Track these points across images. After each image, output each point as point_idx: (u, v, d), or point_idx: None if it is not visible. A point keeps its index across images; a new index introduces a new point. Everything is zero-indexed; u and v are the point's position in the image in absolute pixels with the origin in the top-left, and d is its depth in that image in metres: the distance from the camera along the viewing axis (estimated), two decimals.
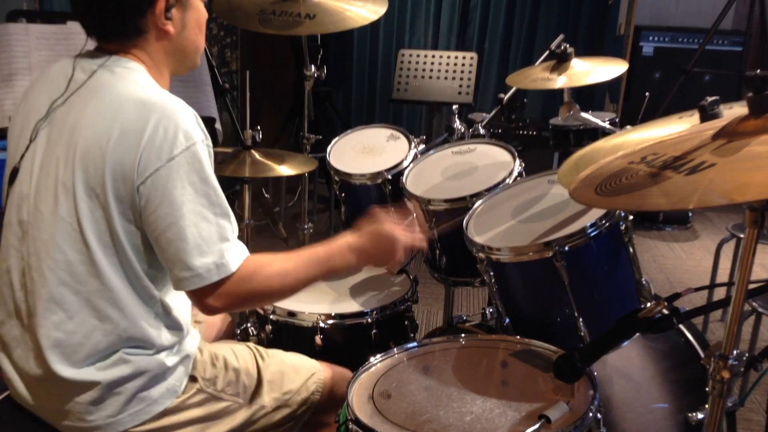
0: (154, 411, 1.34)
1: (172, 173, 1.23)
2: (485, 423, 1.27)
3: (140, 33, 1.32)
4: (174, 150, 1.23)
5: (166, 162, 1.22)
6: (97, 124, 1.24)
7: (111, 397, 1.30)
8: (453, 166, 2.04)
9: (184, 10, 1.35)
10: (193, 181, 1.25)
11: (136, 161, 1.22)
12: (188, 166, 1.24)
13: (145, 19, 1.31)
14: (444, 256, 1.94)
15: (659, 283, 3.76)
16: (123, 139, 1.22)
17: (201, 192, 1.26)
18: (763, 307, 2.28)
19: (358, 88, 5.32)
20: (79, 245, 1.26)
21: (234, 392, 1.46)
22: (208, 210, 1.27)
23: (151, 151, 1.22)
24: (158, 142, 1.22)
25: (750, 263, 1.09)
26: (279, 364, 1.56)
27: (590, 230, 1.47)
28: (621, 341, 1.29)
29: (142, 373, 1.32)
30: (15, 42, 2.56)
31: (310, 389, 1.55)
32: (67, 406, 1.30)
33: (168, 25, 1.33)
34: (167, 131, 1.23)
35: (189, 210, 1.24)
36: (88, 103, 1.27)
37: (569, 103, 2.04)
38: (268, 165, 2.24)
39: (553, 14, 5.08)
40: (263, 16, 2.19)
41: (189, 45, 1.39)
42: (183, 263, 1.25)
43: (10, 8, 2.85)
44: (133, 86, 1.28)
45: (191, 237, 1.25)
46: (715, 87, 4.73)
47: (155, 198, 1.23)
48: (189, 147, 1.24)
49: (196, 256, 1.25)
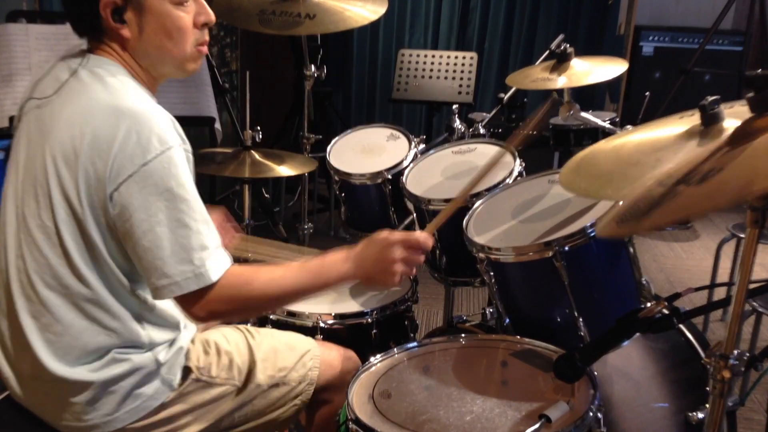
0: (150, 406, 1.34)
1: (147, 179, 1.19)
2: (485, 423, 1.27)
3: (101, 32, 1.29)
4: (147, 155, 1.19)
5: (139, 167, 1.19)
6: (71, 128, 1.22)
7: (106, 396, 1.30)
8: (453, 166, 2.04)
9: (141, 14, 1.27)
10: (170, 186, 1.21)
11: (108, 168, 1.19)
12: (163, 171, 1.20)
13: (98, 19, 1.27)
14: (444, 256, 1.94)
15: (659, 283, 3.76)
16: (95, 145, 1.20)
17: (178, 198, 1.21)
18: (763, 307, 2.28)
19: (358, 88, 5.32)
20: (59, 249, 1.24)
21: (228, 376, 1.46)
22: (187, 216, 1.22)
23: (124, 157, 1.19)
24: (131, 148, 1.19)
25: (750, 263, 1.09)
26: (271, 341, 1.55)
27: (590, 230, 1.47)
28: (621, 341, 1.29)
29: (135, 370, 1.32)
30: (15, 42, 2.56)
31: (307, 365, 1.53)
32: (63, 406, 1.30)
33: (123, 28, 1.27)
34: (140, 136, 1.19)
35: (165, 216, 1.20)
36: (64, 105, 1.26)
37: (569, 103, 2.04)
38: (267, 165, 2.25)
39: (553, 14, 5.08)
40: (263, 16, 2.19)
41: (153, 50, 1.30)
42: (159, 271, 1.22)
43: (10, 8, 2.85)
44: (108, 90, 1.25)
45: (168, 244, 1.21)
46: (715, 87, 4.72)
47: (129, 205, 1.20)
48: (164, 151, 1.20)
49: (173, 263, 1.21)
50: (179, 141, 1.24)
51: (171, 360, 1.37)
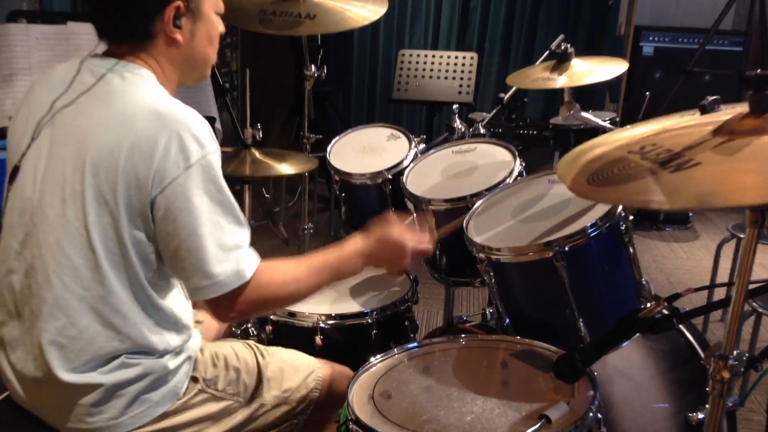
0: (155, 413, 1.34)
1: (190, 182, 1.23)
2: (485, 423, 1.27)
3: (149, 38, 1.32)
4: (190, 158, 1.23)
5: (183, 170, 1.22)
6: (110, 131, 1.23)
7: (113, 399, 1.30)
8: (453, 166, 2.04)
9: (195, 21, 1.34)
10: (209, 189, 1.25)
11: (152, 171, 1.22)
12: (204, 175, 1.24)
13: (154, 24, 1.30)
14: (444, 256, 1.94)
15: (659, 283, 3.76)
16: (137, 149, 1.22)
17: (217, 200, 1.26)
18: (763, 307, 2.28)
19: (358, 88, 5.32)
20: (85, 250, 1.25)
21: (235, 391, 1.46)
22: (224, 218, 1.27)
23: (167, 161, 1.22)
24: (174, 152, 1.22)
25: (750, 263, 1.09)
26: (279, 361, 1.56)
27: (590, 230, 1.47)
28: (621, 341, 1.29)
29: (144, 375, 1.32)
30: (15, 42, 2.56)
31: (310, 386, 1.55)
32: (67, 408, 1.29)
33: (176, 33, 1.32)
34: (182, 141, 1.23)
35: (207, 219, 1.25)
36: (99, 108, 1.26)
37: (569, 103, 2.04)
38: (268, 164, 2.24)
39: (553, 14, 5.08)
40: (263, 16, 2.19)
41: (197, 56, 1.38)
42: (203, 272, 1.26)
43: (10, 8, 2.85)
44: (145, 94, 1.28)
45: (211, 246, 1.25)
46: (715, 87, 4.72)
47: (175, 207, 1.23)
48: (204, 156, 1.24)
49: (215, 264, 1.26)
50: (215, 146, 1.28)
51: (178, 367, 1.37)
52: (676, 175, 0.96)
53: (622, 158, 1.09)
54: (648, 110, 2.77)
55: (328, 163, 2.25)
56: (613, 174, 1.06)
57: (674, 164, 0.98)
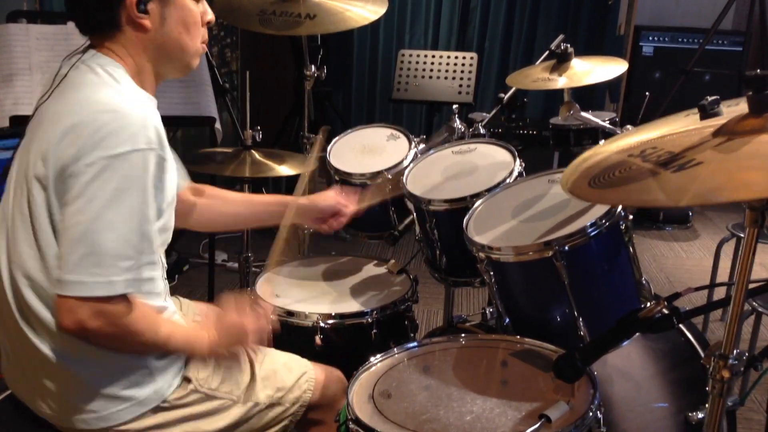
0: (138, 411, 1.34)
1: (104, 172, 1.17)
2: (485, 422, 1.27)
3: (116, 26, 1.30)
4: (118, 148, 1.18)
5: (99, 159, 1.17)
6: (55, 121, 1.24)
7: (96, 395, 1.30)
8: (453, 166, 2.04)
9: (165, 5, 1.31)
10: (124, 187, 1.18)
11: (75, 151, 1.19)
12: (125, 171, 1.18)
13: (118, 12, 1.28)
14: (444, 256, 1.94)
15: (659, 282, 3.76)
16: (71, 131, 1.20)
17: (126, 202, 1.19)
18: (763, 307, 2.28)
19: (358, 88, 5.32)
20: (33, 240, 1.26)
21: (228, 390, 1.46)
22: (125, 224, 1.19)
23: (90, 146, 1.18)
24: (99, 138, 1.18)
25: (750, 263, 1.09)
26: (271, 361, 1.56)
27: (590, 230, 1.47)
28: (621, 341, 1.29)
29: (128, 374, 1.32)
30: (15, 42, 2.56)
31: (303, 387, 1.55)
32: (53, 396, 1.30)
33: (144, 18, 1.29)
34: (113, 132, 1.19)
35: (103, 215, 1.17)
36: (55, 100, 1.28)
37: (569, 103, 2.04)
38: (268, 165, 2.24)
39: (553, 14, 5.08)
40: (263, 16, 2.19)
41: (171, 43, 1.34)
42: (72, 265, 1.17)
43: (10, 8, 2.85)
44: (100, 87, 1.27)
45: (92, 243, 1.17)
46: (715, 87, 4.72)
47: (75, 190, 1.18)
48: (131, 151, 1.19)
49: (89, 265, 1.17)
50: (155, 146, 1.23)
51: (166, 367, 1.37)
52: (678, 175, 0.96)
53: (622, 161, 1.09)
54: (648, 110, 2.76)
55: (328, 163, 2.25)
56: (615, 177, 1.06)
57: (676, 164, 0.98)
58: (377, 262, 2.18)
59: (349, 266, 2.17)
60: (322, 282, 2.07)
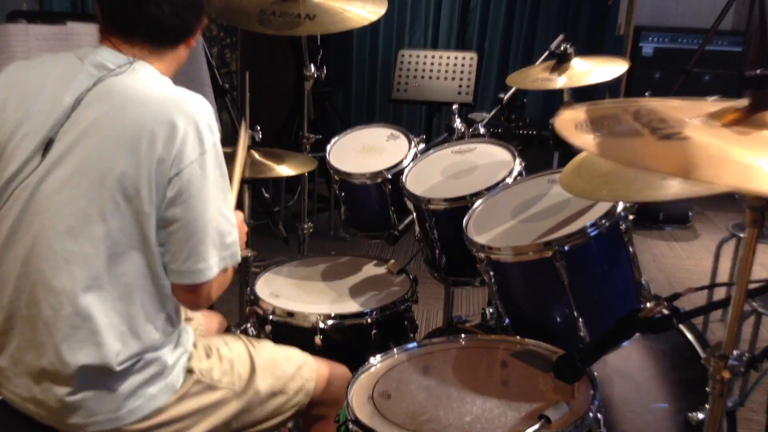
0: (151, 407, 1.35)
1: (205, 166, 1.28)
2: (485, 423, 1.27)
3: (178, 45, 1.39)
4: (205, 143, 1.28)
5: (199, 155, 1.27)
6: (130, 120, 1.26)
7: (111, 393, 1.30)
8: (453, 166, 2.04)
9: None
10: (217, 175, 1.30)
11: (172, 155, 1.25)
12: (215, 161, 1.30)
13: (192, 35, 1.39)
14: (444, 256, 1.94)
15: (659, 283, 3.76)
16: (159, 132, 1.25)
17: (221, 187, 1.32)
18: (763, 307, 2.28)
19: (358, 88, 5.33)
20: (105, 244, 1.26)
21: (229, 381, 1.47)
22: (224, 205, 1.33)
23: (186, 144, 1.26)
24: (192, 136, 1.26)
25: (750, 263, 1.09)
26: (270, 352, 1.58)
27: (590, 230, 1.47)
28: (621, 341, 1.29)
29: (143, 369, 1.33)
30: (15, 42, 2.56)
31: (304, 376, 1.56)
32: (66, 403, 1.29)
33: (194, 38, 1.41)
34: (198, 126, 1.28)
35: (213, 205, 1.29)
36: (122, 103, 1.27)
37: (569, 103, 2.04)
38: (268, 165, 2.24)
39: (553, 14, 5.09)
40: (263, 16, 2.19)
41: (182, 61, 1.44)
42: (200, 255, 1.29)
43: (10, 9, 2.85)
44: (160, 87, 1.32)
45: (212, 230, 1.29)
46: (714, 87, 4.73)
47: (187, 190, 1.26)
48: (215, 143, 1.30)
49: (212, 249, 1.30)
50: (219, 134, 1.34)
51: (176, 363, 1.39)
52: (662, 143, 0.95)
53: (614, 115, 1.08)
54: None
55: (327, 163, 2.25)
56: (601, 126, 1.05)
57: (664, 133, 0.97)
58: (377, 262, 2.18)
59: (348, 266, 2.17)
60: (321, 282, 2.07)
